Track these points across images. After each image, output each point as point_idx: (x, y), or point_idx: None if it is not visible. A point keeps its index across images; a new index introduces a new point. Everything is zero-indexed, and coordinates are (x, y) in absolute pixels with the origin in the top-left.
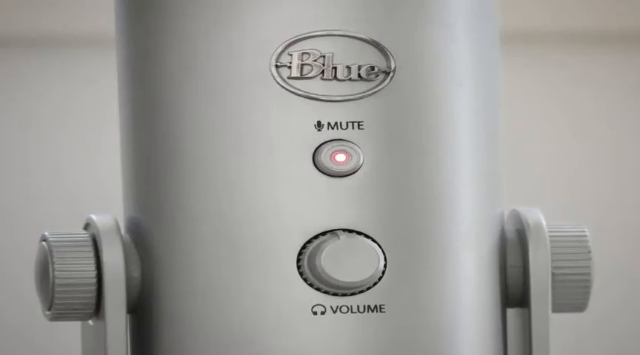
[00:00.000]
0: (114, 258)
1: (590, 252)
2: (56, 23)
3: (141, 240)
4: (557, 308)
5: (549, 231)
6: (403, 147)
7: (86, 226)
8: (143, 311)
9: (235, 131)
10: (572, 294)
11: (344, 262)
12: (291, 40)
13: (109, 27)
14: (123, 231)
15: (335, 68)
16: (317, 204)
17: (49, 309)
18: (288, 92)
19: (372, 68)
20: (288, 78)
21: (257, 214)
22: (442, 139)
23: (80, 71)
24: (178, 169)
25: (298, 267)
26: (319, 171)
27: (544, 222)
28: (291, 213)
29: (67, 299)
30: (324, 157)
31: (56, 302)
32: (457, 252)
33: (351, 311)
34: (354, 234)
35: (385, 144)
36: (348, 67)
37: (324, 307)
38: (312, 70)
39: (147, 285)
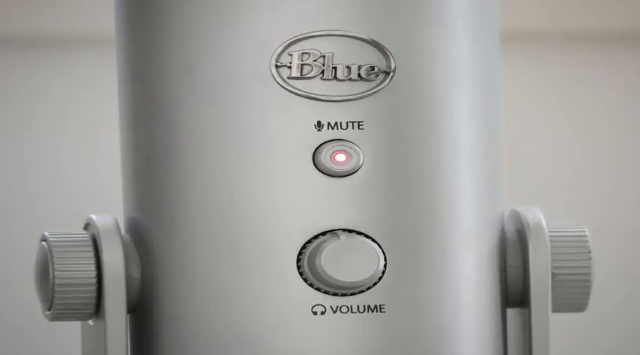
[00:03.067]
0: (114, 258)
1: (590, 252)
2: (56, 23)
3: (141, 240)
4: (557, 308)
5: (549, 231)
6: (403, 147)
7: (86, 226)
8: (143, 311)
9: (235, 131)
10: (572, 294)
11: (344, 262)
12: (291, 40)
13: (109, 27)
14: (123, 231)
15: (335, 68)
16: (317, 204)
17: (49, 309)
18: (288, 92)
19: (372, 68)
20: (288, 78)
21: (257, 214)
22: (442, 139)
23: (80, 71)
24: (178, 169)
25: (298, 267)
26: (319, 171)
27: (544, 222)
28: (291, 213)
29: (67, 299)
30: (324, 157)
31: (56, 302)
32: (457, 252)
33: (351, 311)
34: (354, 234)
35: (385, 144)
36: (348, 67)
37: (324, 307)
38: (312, 70)
39: (147, 285)
